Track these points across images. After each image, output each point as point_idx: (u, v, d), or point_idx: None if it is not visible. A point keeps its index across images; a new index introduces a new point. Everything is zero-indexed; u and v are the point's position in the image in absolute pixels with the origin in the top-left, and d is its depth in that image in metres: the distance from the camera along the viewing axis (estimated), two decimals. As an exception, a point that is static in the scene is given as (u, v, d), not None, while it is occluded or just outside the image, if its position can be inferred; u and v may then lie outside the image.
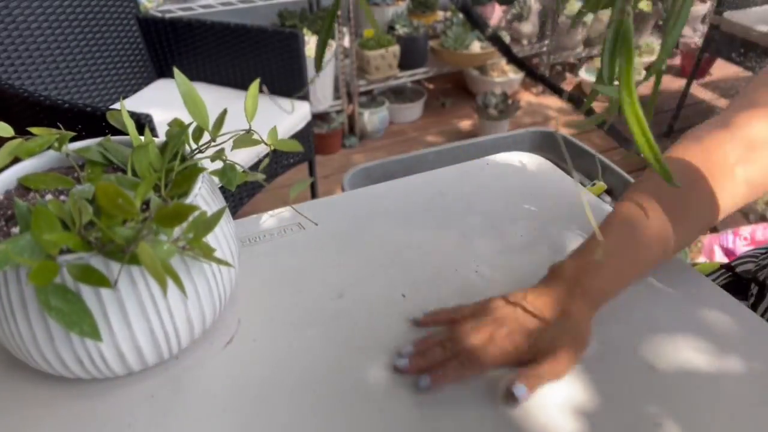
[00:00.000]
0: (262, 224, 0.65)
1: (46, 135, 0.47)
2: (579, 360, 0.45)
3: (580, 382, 0.46)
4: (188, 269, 0.42)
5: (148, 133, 0.47)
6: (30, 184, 0.45)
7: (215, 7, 1.87)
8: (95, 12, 1.39)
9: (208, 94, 1.51)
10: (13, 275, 0.37)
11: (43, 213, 0.34)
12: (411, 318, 0.51)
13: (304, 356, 0.48)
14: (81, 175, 0.47)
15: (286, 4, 2.15)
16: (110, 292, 0.38)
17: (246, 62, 1.50)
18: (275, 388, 0.46)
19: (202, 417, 0.43)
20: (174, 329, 0.42)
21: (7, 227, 0.41)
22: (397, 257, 0.60)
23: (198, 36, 1.51)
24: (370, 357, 0.48)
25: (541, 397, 0.45)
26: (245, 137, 0.50)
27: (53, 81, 1.31)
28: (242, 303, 0.54)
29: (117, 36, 1.46)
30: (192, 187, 0.43)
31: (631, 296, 0.55)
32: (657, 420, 0.43)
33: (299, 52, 1.43)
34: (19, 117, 1.08)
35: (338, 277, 0.57)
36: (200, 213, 0.38)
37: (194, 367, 0.47)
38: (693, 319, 0.52)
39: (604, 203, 0.64)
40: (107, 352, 0.40)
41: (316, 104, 2.05)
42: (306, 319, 0.52)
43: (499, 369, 0.47)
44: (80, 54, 1.36)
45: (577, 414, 0.44)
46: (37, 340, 0.39)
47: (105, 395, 0.45)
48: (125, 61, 1.49)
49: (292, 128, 1.45)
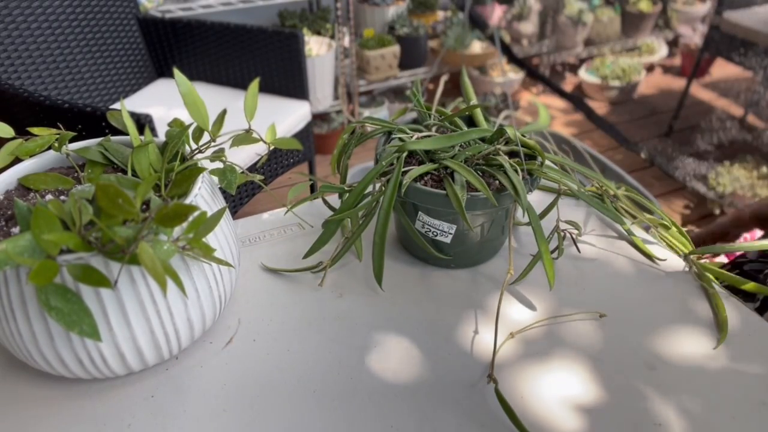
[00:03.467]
0: (262, 224, 0.65)
1: (46, 135, 0.47)
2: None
3: (581, 382, 0.46)
4: (188, 269, 0.42)
5: (148, 133, 0.47)
6: (30, 184, 0.45)
7: (215, 7, 1.87)
8: (95, 12, 1.39)
9: (208, 94, 1.52)
10: (13, 275, 0.37)
11: (43, 213, 0.34)
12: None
13: (304, 356, 0.48)
14: (81, 175, 0.47)
15: (286, 4, 2.15)
16: (110, 292, 0.38)
17: (246, 62, 1.50)
18: (275, 388, 0.46)
19: (202, 417, 0.43)
20: (174, 329, 0.42)
21: (7, 227, 0.41)
22: (397, 257, 0.60)
23: (198, 36, 1.51)
24: (370, 357, 0.48)
25: (542, 397, 0.45)
26: (245, 136, 0.51)
27: (53, 81, 1.31)
28: (242, 303, 0.54)
29: (117, 36, 1.46)
30: (192, 187, 0.43)
31: (632, 296, 0.55)
32: (657, 420, 0.43)
33: (299, 52, 1.43)
34: (19, 117, 1.08)
35: (338, 276, 0.57)
36: (200, 213, 0.38)
37: (194, 367, 0.47)
38: (693, 319, 0.52)
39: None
40: (107, 352, 0.40)
41: (316, 104, 2.05)
42: (306, 318, 0.52)
43: (500, 369, 0.47)
44: (80, 54, 1.36)
45: (577, 414, 0.44)
46: (37, 340, 0.39)
47: (105, 395, 0.45)
48: (125, 61, 1.49)
49: (292, 128, 1.45)
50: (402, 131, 0.58)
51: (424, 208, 0.53)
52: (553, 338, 0.50)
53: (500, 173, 0.52)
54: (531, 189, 0.53)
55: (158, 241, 0.37)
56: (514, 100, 2.41)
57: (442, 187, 0.51)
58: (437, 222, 0.53)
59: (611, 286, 0.56)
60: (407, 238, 0.59)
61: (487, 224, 0.54)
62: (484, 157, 0.54)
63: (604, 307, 0.54)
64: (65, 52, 1.33)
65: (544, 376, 0.47)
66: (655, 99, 2.72)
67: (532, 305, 0.54)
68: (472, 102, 0.64)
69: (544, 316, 0.53)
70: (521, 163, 0.53)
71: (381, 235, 0.52)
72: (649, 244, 0.62)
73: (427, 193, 0.51)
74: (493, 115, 0.69)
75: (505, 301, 0.54)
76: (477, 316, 0.53)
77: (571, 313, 0.53)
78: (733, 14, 2.05)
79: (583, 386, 0.46)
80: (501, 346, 0.49)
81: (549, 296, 0.55)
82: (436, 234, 0.54)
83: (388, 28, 2.28)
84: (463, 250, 0.56)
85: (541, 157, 0.54)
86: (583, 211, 0.68)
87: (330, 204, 0.61)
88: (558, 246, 0.57)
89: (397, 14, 2.29)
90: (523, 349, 0.49)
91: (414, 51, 2.27)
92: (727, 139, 2.29)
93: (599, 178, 0.62)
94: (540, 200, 0.69)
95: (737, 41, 2.01)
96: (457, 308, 0.53)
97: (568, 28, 2.64)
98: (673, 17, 2.92)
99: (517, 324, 0.52)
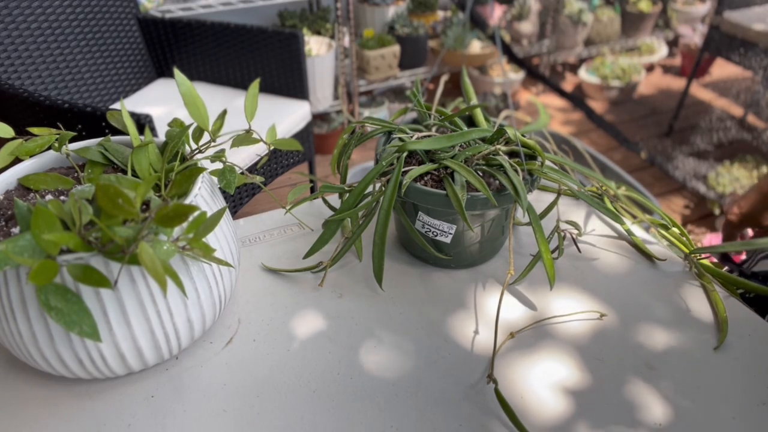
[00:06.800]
0: (262, 224, 0.65)
1: (46, 135, 0.47)
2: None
3: (581, 382, 0.46)
4: (188, 269, 0.42)
5: (148, 133, 0.47)
6: (30, 184, 0.45)
7: (215, 7, 1.87)
8: (95, 12, 1.39)
9: (208, 94, 1.52)
10: (13, 275, 0.37)
11: (43, 213, 0.34)
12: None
13: (304, 356, 0.48)
14: (81, 175, 0.47)
15: (286, 4, 2.15)
16: (110, 292, 0.38)
17: (246, 62, 1.50)
18: (275, 388, 0.46)
19: (202, 417, 0.43)
20: (174, 329, 0.42)
21: (7, 227, 0.41)
22: (397, 257, 0.59)
23: (198, 36, 1.51)
24: (370, 357, 0.48)
25: (541, 398, 0.45)
26: (245, 136, 0.51)
27: (53, 81, 1.31)
28: (242, 303, 0.54)
29: (117, 36, 1.46)
30: (192, 187, 0.43)
31: (632, 296, 0.55)
32: (657, 420, 0.43)
33: (299, 52, 1.43)
34: (19, 117, 1.08)
35: (338, 276, 0.57)
36: (200, 213, 0.38)
37: (194, 367, 0.47)
38: (693, 319, 0.52)
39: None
40: (107, 352, 0.40)
41: (316, 104, 2.05)
42: (306, 319, 0.52)
43: (499, 369, 0.47)
44: (80, 54, 1.36)
45: (577, 414, 0.44)
46: (37, 340, 0.39)
47: (105, 395, 0.45)
48: (125, 61, 1.49)
49: (292, 128, 1.45)
50: (402, 131, 0.58)
51: (424, 208, 0.53)
52: (553, 338, 0.50)
53: (500, 173, 0.52)
54: (531, 189, 0.53)
55: (158, 241, 0.37)
56: (514, 100, 2.41)
57: (442, 187, 0.51)
58: (437, 222, 0.53)
59: (611, 286, 0.56)
60: (407, 238, 0.59)
61: (487, 224, 0.54)
62: (484, 157, 0.54)
63: (604, 307, 0.54)
64: (65, 52, 1.33)
65: (544, 376, 0.47)
66: (655, 99, 2.72)
67: (533, 305, 0.54)
68: (472, 102, 0.64)
69: (544, 316, 0.53)
70: (521, 163, 0.53)
71: (381, 235, 0.52)
72: (649, 244, 0.62)
73: (427, 193, 0.51)
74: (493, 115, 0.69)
75: (506, 301, 0.54)
76: (477, 316, 0.53)
77: (571, 313, 0.53)
78: (733, 14, 2.05)
79: (583, 386, 0.46)
80: (501, 346, 0.49)
81: (549, 296, 0.55)
82: (436, 234, 0.54)
83: (388, 28, 2.28)
84: (463, 250, 0.56)
85: (541, 157, 0.54)
86: (583, 211, 0.68)
87: (330, 204, 0.61)
88: (558, 246, 0.57)
89: (397, 14, 2.29)
90: (523, 349, 0.49)
91: (414, 51, 2.27)
92: (727, 138, 2.29)
93: (599, 178, 0.62)
94: (540, 200, 0.69)
95: (737, 41, 2.01)
96: (457, 308, 0.53)
97: (568, 28, 2.64)
98: (673, 17, 2.92)
99: (517, 324, 0.52)
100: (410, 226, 0.54)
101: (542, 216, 0.59)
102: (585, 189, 0.61)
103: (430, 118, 0.61)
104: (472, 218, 0.53)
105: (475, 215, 0.53)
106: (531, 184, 0.53)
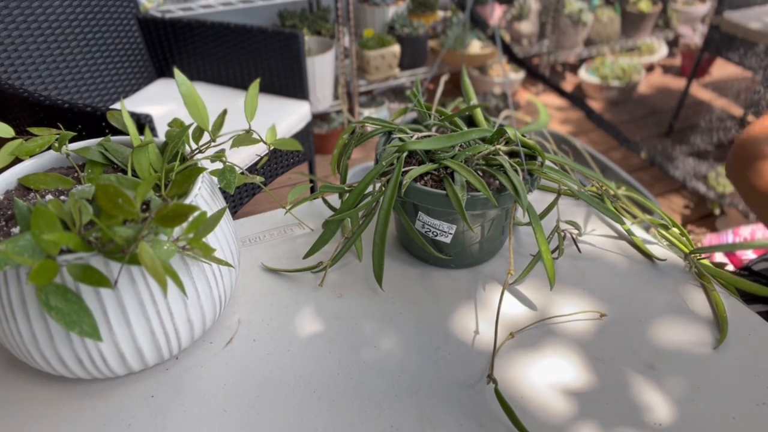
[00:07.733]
0: (262, 224, 0.65)
1: (46, 135, 0.47)
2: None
3: (581, 382, 0.46)
4: (188, 269, 0.42)
5: (148, 133, 0.47)
6: (30, 184, 0.45)
7: (215, 7, 1.87)
8: (95, 12, 1.39)
9: (208, 94, 1.52)
10: (13, 275, 0.37)
11: (43, 213, 0.34)
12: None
13: (304, 356, 0.48)
14: (81, 175, 0.47)
15: (286, 4, 2.15)
16: (110, 292, 0.38)
17: (246, 62, 1.50)
18: (275, 388, 0.46)
19: (202, 417, 0.43)
20: (174, 329, 0.42)
21: (7, 227, 0.41)
22: (397, 257, 0.59)
23: (198, 36, 1.51)
24: (370, 357, 0.48)
25: (542, 398, 0.45)
26: (245, 136, 0.51)
27: (53, 81, 1.31)
28: (242, 303, 0.54)
29: (117, 36, 1.46)
30: (192, 187, 0.43)
31: (632, 296, 0.55)
32: (657, 420, 0.43)
33: (299, 52, 1.43)
34: (19, 117, 1.08)
35: (338, 276, 0.57)
36: (200, 213, 0.38)
37: (194, 367, 0.47)
38: (693, 319, 0.52)
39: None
40: (107, 352, 0.40)
41: (316, 104, 2.05)
42: (306, 318, 0.52)
43: (500, 369, 0.47)
44: (80, 54, 1.36)
45: (577, 414, 0.44)
46: (37, 340, 0.39)
47: (105, 395, 0.45)
48: (125, 61, 1.49)
49: (292, 128, 1.45)
50: (402, 131, 0.58)
51: (424, 208, 0.53)
52: (553, 338, 0.50)
53: (500, 173, 0.52)
54: (531, 189, 0.53)
55: (158, 241, 0.37)
56: (514, 100, 2.41)
57: (442, 187, 0.51)
58: (437, 222, 0.53)
59: (611, 286, 0.56)
60: (407, 238, 0.59)
61: (487, 224, 0.54)
62: (484, 157, 0.54)
63: (604, 307, 0.54)
64: (65, 52, 1.33)
65: (544, 376, 0.47)
66: (654, 99, 2.72)
67: (533, 305, 0.54)
68: (472, 102, 0.64)
69: (544, 316, 0.53)
70: (521, 163, 0.53)
71: (381, 235, 0.52)
72: (649, 244, 0.62)
73: (427, 193, 0.51)
74: (493, 115, 0.69)
75: (506, 301, 0.54)
76: (477, 316, 0.53)
77: (572, 313, 0.53)
78: (733, 14, 2.05)
79: (583, 386, 0.46)
80: (501, 346, 0.49)
81: (549, 296, 0.55)
82: (436, 234, 0.54)
83: (388, 28, 2.28)
84: (463, 250, 0.56)
85: (541, 157, 0.54)
86: (583, 211, 0.68)
87: (330, 204, 0.61)
88: (558, 246, 0.57)
89: (397, 14, 2.29)
90: (523, 349, 0.49)
91: (414, 51, 2.27)
92: (727, 139, 2.29)
93: (599, 178, 0.62)
94: (540, 200, 0.69)
95: (737, 41, 2.01)
96: (457, 308, 0.53)
97: (568, 28, 2.64)
98: (673, 17, 2.92)
99: (517, 324, 0.52)
100: (410, 226, 0.54)
101: (542, 216, 0.59)
102: (585, 189, 0.61)
103: (430, 118, 0.61)
104: (472, 218, 0.53)
105: (475, 215, 0.53)
106: (531, 184, 0.53)
